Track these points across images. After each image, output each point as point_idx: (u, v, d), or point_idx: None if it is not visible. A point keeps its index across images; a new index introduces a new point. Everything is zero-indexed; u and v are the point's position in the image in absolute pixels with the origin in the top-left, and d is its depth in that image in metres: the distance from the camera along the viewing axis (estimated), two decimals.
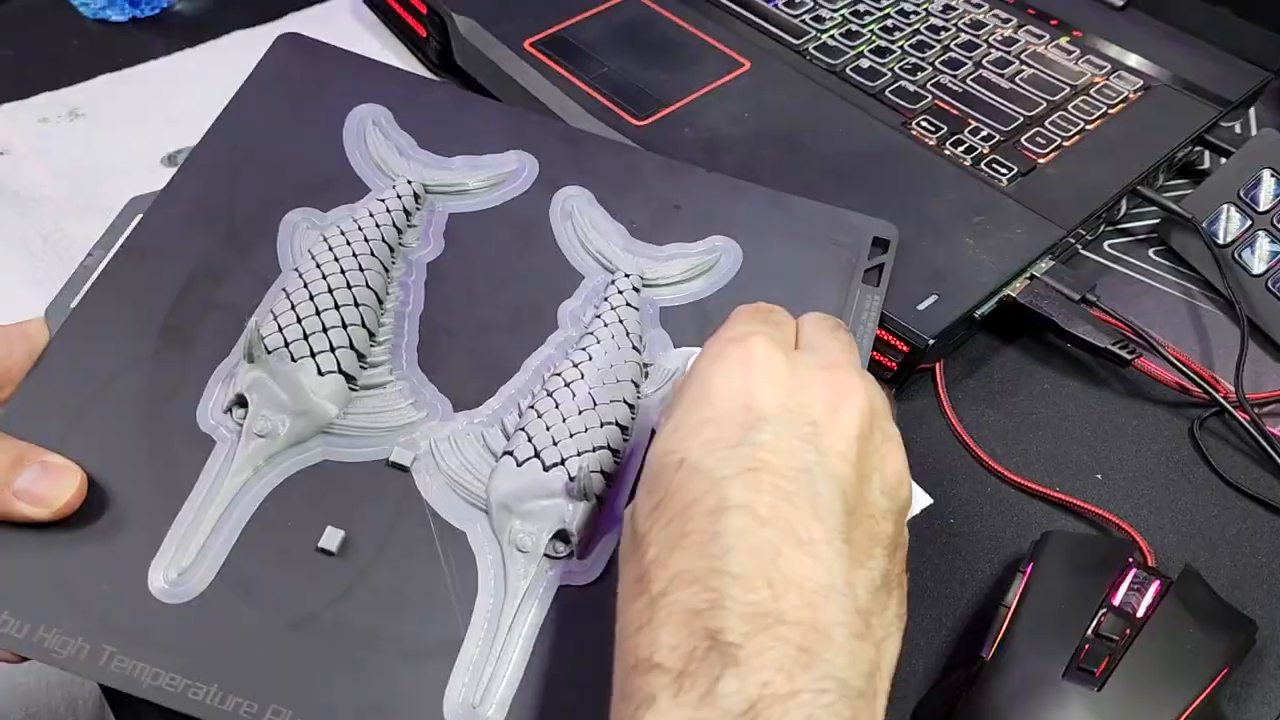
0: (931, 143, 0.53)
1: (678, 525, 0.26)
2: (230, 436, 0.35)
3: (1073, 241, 0.51)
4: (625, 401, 0.37)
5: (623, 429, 0.37)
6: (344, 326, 0.37)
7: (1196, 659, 0.35)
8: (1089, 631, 0.35)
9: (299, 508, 0.34)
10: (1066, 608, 0.36)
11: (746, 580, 0.25)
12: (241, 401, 0.36)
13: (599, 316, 0.39)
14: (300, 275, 0.38)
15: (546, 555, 0.34)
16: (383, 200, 0.41)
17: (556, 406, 0.36)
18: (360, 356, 0.37)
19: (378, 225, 0.40)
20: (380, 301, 0.39)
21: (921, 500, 0.43)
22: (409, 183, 0.42)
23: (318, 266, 0.38)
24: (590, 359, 0.38)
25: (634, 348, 0.39)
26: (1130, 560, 0.38)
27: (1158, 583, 0.37)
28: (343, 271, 0.38)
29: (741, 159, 0.51)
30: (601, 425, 0.36)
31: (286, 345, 0.36)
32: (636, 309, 0.40)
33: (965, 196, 0.50)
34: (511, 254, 0.41)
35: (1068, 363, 0.49)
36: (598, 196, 0.43)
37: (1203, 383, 0.46)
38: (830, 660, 0.24)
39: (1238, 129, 0.60)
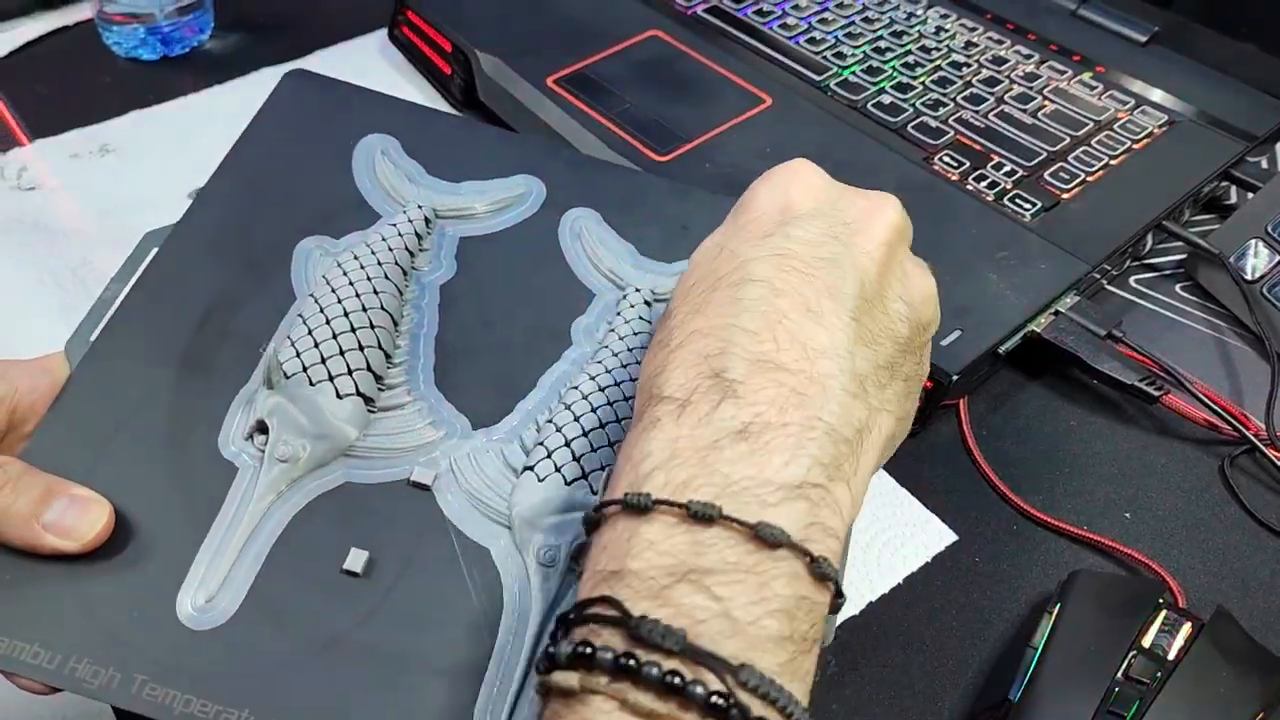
0: (954, 178, 0.53)
1: (703, 295, 0.30)
2: (252, 463, 0.36)
3: (1098, 277, 0.51)
4: None
5: None
6: (361, 349, 0.37)
7: (1230, 703, 0.35)
8: (1119, 674, 0.35)
9: (323, 531, 0.35)
10: (1096, 649, 0.36)
11: (754, 334, 0.28)
12: (262, 428, 0.36)
13: (613, 330, 0.40)
14: (316, 301, 0.38)
15: (571, 569, 0.34)
16: (394, 225, 0.41)
17: (576, 420, 0.36)
18: (378, 379, 0.38)
19: (390, 249, 0.40)
20: (395, 324, 0.39)
21: (947, 536, 0.42)
22: (419, 207, 0.42)
23: (333, 291, 0.39)
24: (607, 371, 0.38)
25: None
26: (1160, 601, 0.37)
27: (1189, 624, 0.36)
28: (357, 295, 0.38)
29: None
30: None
31: (305, 370, 0.37)
32: (649, 322, 0.40)
33: (988, 231, 0.50)
34: (523, 274, 0.42)
35: (1094, 399, 0.48)
36: (605, 218, 0.43)
37: (1232, 420, 0.45)
38: (822, 406, 0.27)
39: (1264, 164, 0.59)
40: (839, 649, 0.37)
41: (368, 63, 0.66)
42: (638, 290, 0.41)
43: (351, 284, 0.39)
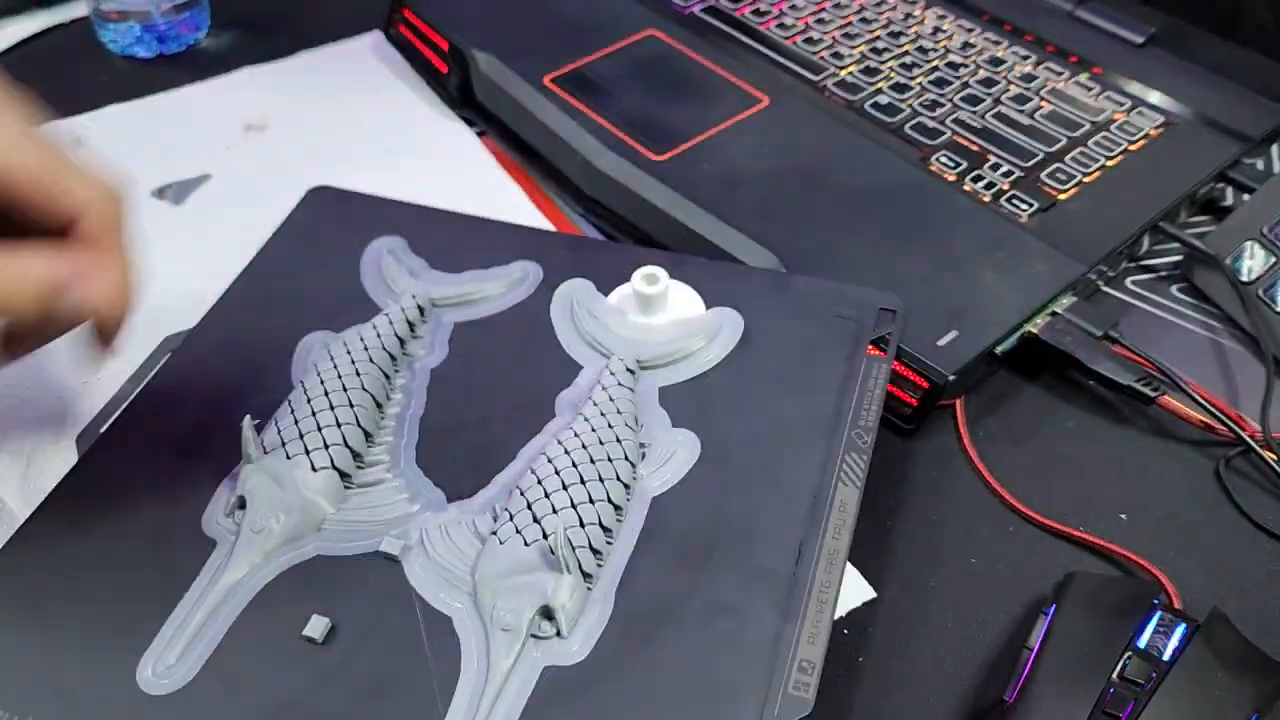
0: (951, 178, 0.53)
1: None
2: (230, 537, 0.36)
3: (1094, 278, 0.51)
4: (618, 479, 0.37)
5: (616, 507, 0.37)
6: (338, 426, 0.38)
7: (1224, 705, 0.35)
8: (1114, 675, 0.35)
9: (289, 600, 0.35)
10: (1091, 651, 0.36)
11: None
12: (243, 503, 0.37)
13: (591, 399, 0.40)
14: (303, 385, 0.40)
15: (532, 635, 0.34)
16: (386, 315, 0.43)
17: (539, 482, 0.37)
18: (356, 455, 0.39)
19: (379, 336, 0.42)
20: (379, 405, 0.40)
21: (864, 593, 0.41)
22: (413, 296, 0.44)
23: (318, 375, 0.40)
24: (576, 436, 0.38)
25: (627, 425, 0.39)
26: (1155, 602, 0.37)
27: (1184, 626, 0.36)
28: (340, 377, 0.40)
29: (760, 194, 0.51)
30: (591, 501, 0.36)
31: (283, 445, 0.38)
32: (631, 389, 0.41)
33: (985, 232, 0.50)
34: (512, 353, 0.43)
35: (1090, 400, 0.48)
36: (598, 286, 0.45)
37: (1229, 421, 0.45)
38: None
39: (1260, 166, 0.59)
40: (835, 649, 0.37)
41: (363, 62, 0.66)
42: (620, 359, 0.42)
43: (336, 368, 0.40)
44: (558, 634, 0.34)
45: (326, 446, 0.38)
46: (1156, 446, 0.46)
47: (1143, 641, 0.36)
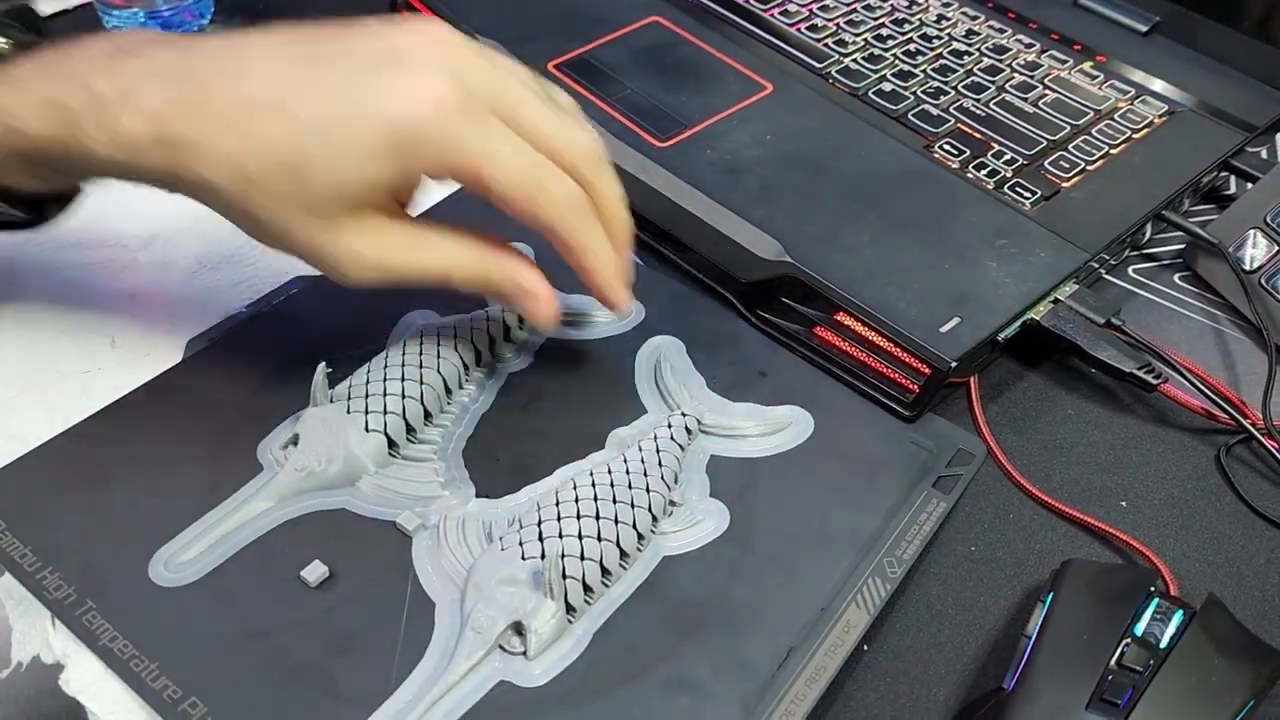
0: (954, 166, 0.53)
1: None
2: (277, 469, 0.39)
3: (1096, 266, 0.51)
4: (634, 527, 0.38)
5: (623, 553, 0.37)
6: (401, 398, 0.41)
7: (1222, 691, 0.35)
8: (1112, 662, 0.35)
9: (302, 540, 0.38)
10: (1089, 638, 0.36)
11: None
12: (296, 440, 0.40)
13: (639, 443, 0.41)
14: (386, 354, 0.42)
15: (501, 647, 0.35)
16: (486, 313, 0.45)
17: (557, 504, 0.38)
18: (410, 429, 0.41)
19: (472, 330, 0.44)
20: (448, 390, 0.42)
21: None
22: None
23: (403, 348, 0.42)
24: (609, 473, 0.39)
25: (663, 480, 0.40)
26: (1152, 589, 0.37)
27: (1181, 612, 0.36)
28: (420, 355, 0.42)
29: (763, 181, 0.51)
30: (599, 539, 0.37)
31: (348, 399, 0.40)
32: (682, 447, 0.41)
33: (988, 219, 0.50)
34: (589, 379, 0.44)
35: (1092, 388, 0.48)
36: (689, 348, 0.46)
37: (1230, 408, 0.45)
38: None
39: (1264, 154, 0.59)
40: None
41: None
42: (685, 415, 0.42)
43: (421, 348, 0.43)
44: (524, 654, 0.35)
45: (385, 412, 0.40)
46: (1157, 434, 0.47)
47: (1140, 629, 0.36)
